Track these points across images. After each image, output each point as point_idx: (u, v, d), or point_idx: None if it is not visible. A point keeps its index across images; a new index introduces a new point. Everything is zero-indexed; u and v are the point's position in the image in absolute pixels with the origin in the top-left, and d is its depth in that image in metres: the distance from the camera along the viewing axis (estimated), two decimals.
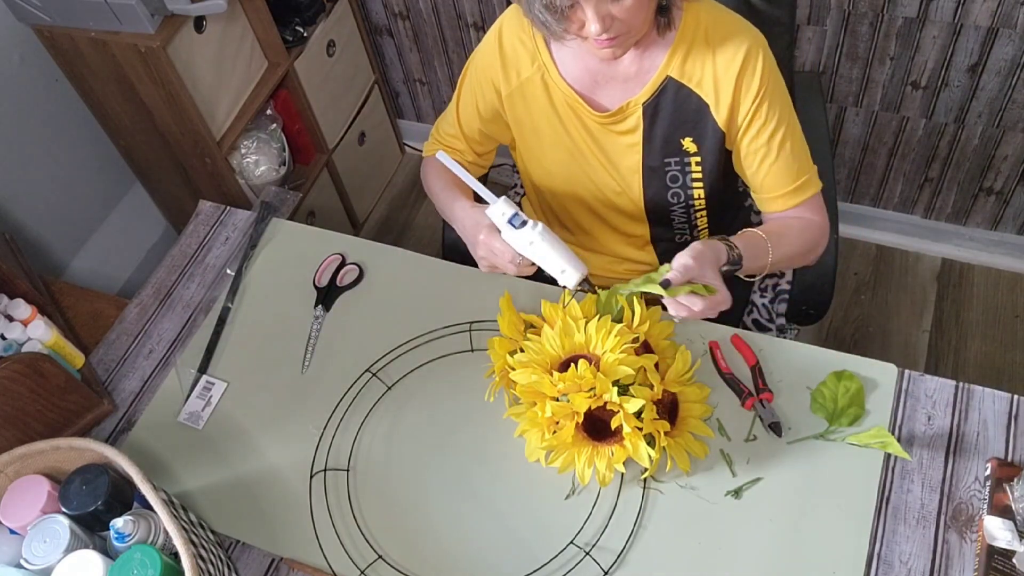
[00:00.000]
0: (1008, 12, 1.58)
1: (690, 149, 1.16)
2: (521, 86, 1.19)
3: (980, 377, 1.92)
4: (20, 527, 0.99)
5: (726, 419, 1.10)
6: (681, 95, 1.12)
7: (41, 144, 1.89)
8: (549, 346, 1.05)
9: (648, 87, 1.12)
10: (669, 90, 1.12)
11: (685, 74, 1.11)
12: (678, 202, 1.22)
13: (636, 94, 1.13)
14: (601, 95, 1.16)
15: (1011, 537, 0.97)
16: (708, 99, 1.11)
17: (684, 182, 1.20)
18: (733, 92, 1.09)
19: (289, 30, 1.97)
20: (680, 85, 1.12)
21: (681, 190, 1.20)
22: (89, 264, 2.06)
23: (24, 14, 1.69)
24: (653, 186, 1.21)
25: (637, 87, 1.13)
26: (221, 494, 1.14)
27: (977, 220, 2.06)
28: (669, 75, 1.11)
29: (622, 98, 1.14)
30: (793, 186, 1.16)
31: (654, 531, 1.03)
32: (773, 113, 1.11)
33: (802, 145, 1.16)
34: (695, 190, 1.20)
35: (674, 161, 1.18)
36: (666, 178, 1.20)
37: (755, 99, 1.09)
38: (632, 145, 1.17)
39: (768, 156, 1.14)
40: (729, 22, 1.10)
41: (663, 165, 1.18)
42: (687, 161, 1.17)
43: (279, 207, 1.44)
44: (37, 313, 1.26)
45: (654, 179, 1.20)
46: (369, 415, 1.17)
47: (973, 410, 1.08)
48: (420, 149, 2.55)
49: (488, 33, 1.21)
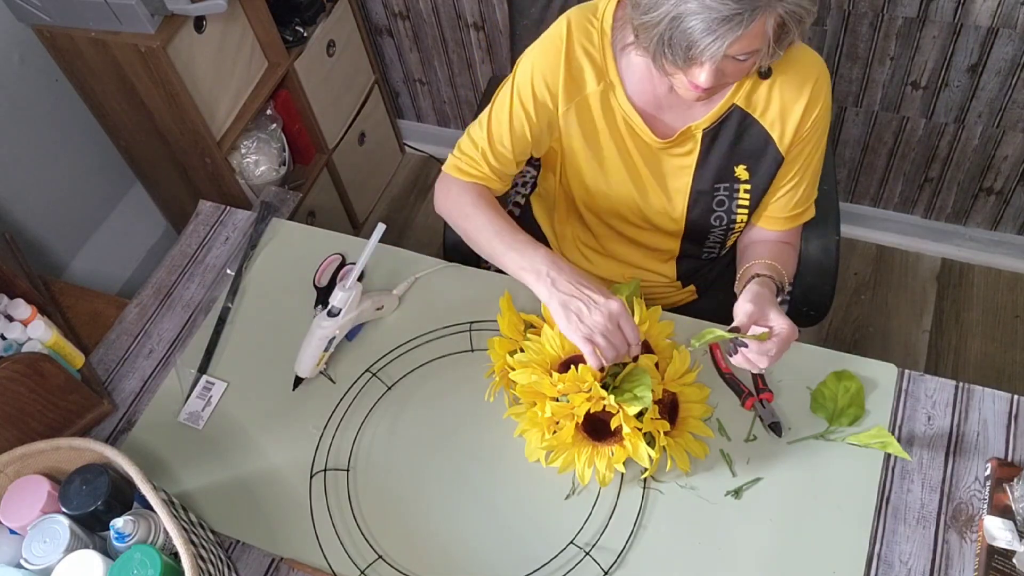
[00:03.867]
0: (1008, 12, 1.58)
1: (742, 176, 1.15)
2: (584, 100, 1.12)
3: (980, 377, 1.92)
4: (20, 527, 0.99)
5: (726, 419, 1.10)
6: (744, 124, 1.11)
7: (41, 144, 1.89)
8: (549, 346, 1.05)
9: (712, 114, 1.10)
10: (733, 118, 1.10)
11: (751, 103, 1.09)
12: (719, 225, 1.21)
13: (699, 119, 1.11)
14: (664, 118, 1.13)
15: (1011, 537, 0.97)
16: (772, 130, 1.10)
17: (729, 207, 1.18)
18: (799, 123, 1.09)
19: (289, 30, 1.97)
20: (745, 114, 1.10)
21: (725, 214, 1.19)
22: (89, 264, 2.06)
23: (24, 14, 1.69)
24: (698, 208, 1.19)
25: (701, 112, 1.11)
26: (221, 494, 1.14)
27: (977, 220, 2.06)
28: (735, 103, 1.09)
29: (684, 122, 1.11)
30: (801, 209, 1.18)
31: (654, 531, 1.03)
32: (818, 141, 1.12)
33: (820, 173, 1.17)
34: (739, 214, 1.19)
35: (724, 187, 1.16)
36: (712, 202, 1.18)
37: (814, 123, 1.09)
38: (684, 167, 1.16)
39: (801, 183, 1.15)
40: (795, 49, 1.06)
41: (712, 190, 1.17)
42: (736, 188, 1.16)
43: (279, 207, 1.44)
44: (37, 313, 1.26)
45: (700, 201, 1.18)
46: (369, 415, 1.17)
47: (973, 410, 1.08)
48: (420, 149, 2.57)
49: (548, 38, 1.11)
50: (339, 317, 1.17)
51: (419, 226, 2.44)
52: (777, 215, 1.18)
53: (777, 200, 1.17)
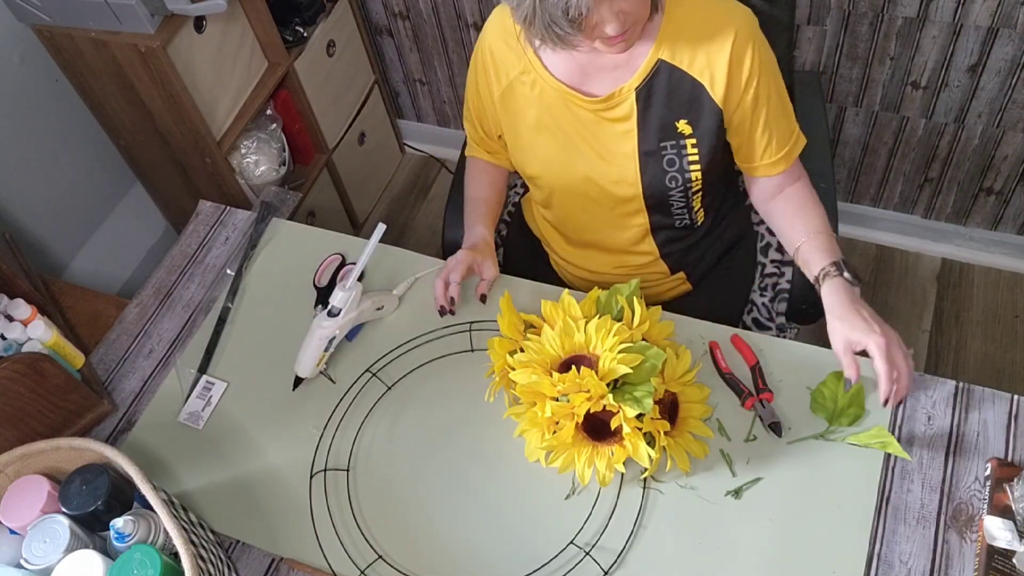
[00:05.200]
0: (1008, 12, 1.58)
1: (685, 131, 1.16)
2: (510, 85, 1.20)
3: (980, 377, 1.92)
4: (20, 527, 0.99)
5: (726, 419, 1.10)
6: (674, 77, 1.12)
7: (41, 144, 1.89)
8: (549, 346, 1.05)
9: (640, 72, 1.12)
10: (662, 73, 1.12)
11: (676, 56, 1.11)
12: (676, 186, 1.22)
13: (628, 80, 1.13)
14: (592, 86, 1.15)
15: (1011, 537, 0.97)
16: (703, 79, 1.12)
17: (681, 165, 1.19)
18: (728, 69, 1.10)
19: (289, 30, 1.97)
20: (673, 67, 1.11)
21: (679, 174, 1.20)
22: (89, 264, 2.06)
23: (24, 14, 1.69)
24: (650, 172, 1.20)
25: (628, 73, 1.13)
26: (221, 494, 1.14)
27: (977, 220, 2.06)
28: (660, 58, 1.11)
29: (613, 85, 1.14)
30: (789, 146, 1.19)
31: (654, 531, 1.03)
32: (766, 82, 1.12)
33: (788, 104, 1.18)
34: (692, 172, 1.20)
35: (670, 144, 1.17)
36: (663, 162, 1.19)
37: (751, 72, 1.10)
38: (627, 132, 1.17)
39: (768, 125, 1.15)
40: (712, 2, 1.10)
41: (659, 149, 1.18)
42: (683, 144, 1.17)
43: (279, 207, 1.44)
44: (37, 313, 1.26)
45: (650, 164, 1.19)
46: (369, 415, 1.17)
47: (973, 410, 1.08)
48: (420, 149, 2.57)
49: (477, 42, 1.23)
50: (339, 317, 1.17)
51: (419, 226, 2.44)
52: (769, 160, 1.19)
53: (762, 147, 1.18)
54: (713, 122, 1.15)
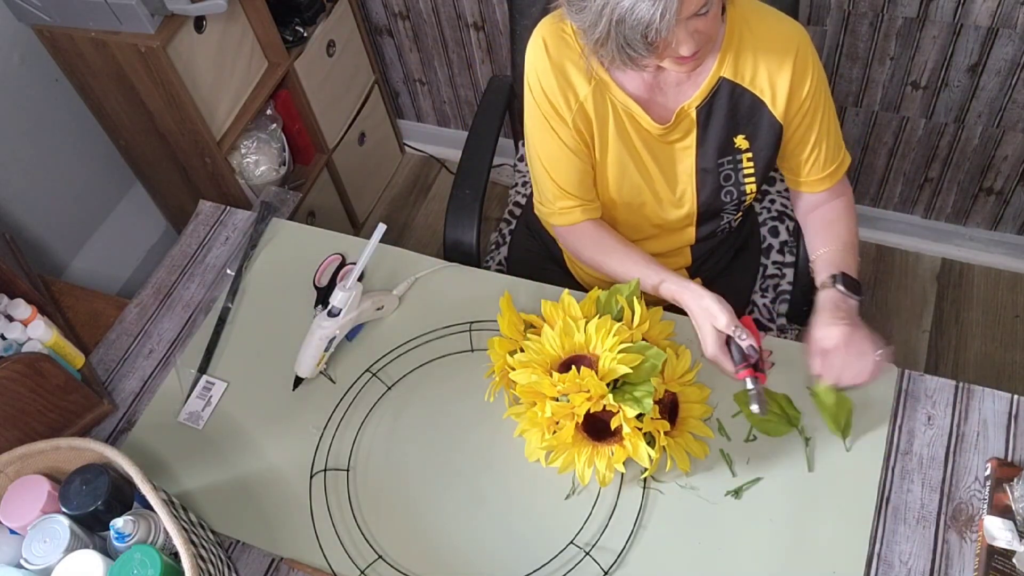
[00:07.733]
0: (1008, 12, 1.58)
1: (742, 146, 1.16)
2: (581, 106, 1.13)
3: (980, 377, 1.92)
4: (20, 527, 0.99)
5: (726, 419, 1.10)
6: (735, 94, 1.11)
7: (41, 144, 1.89)
8: (549, 346, 1.05)
9: (701, 90, 1.11)
10: (723, 91, 1.11)
11: (738, 73, 1.10)
12: (731, 200, 1.21)
13: (689, 98, 1.11)
14: (658, 101, 1.13)
15: (1011, 537, 0.97)
16: (764, 95, 1.11)
17: (737, 179, 1.19)
18: (791, 85, 1.09)
19: (289, 30, 1.97)
20: (734, 85, 1.11)
21: (734, 188, 1.20)
22: (89, 264, 2.06)
23: (24, 14, 1.69)
24: (707, 188, 1.20)
25: (692, 89, 1.11)
26: (221, 494, 1.14)
27: (977, 220, 2.06)
28: (722, 76, 1.10)
29: (677, 102, 1.12)
30: (836, 163, 1.18)
31: (654, 531, 1.03)
32: (823, 100, 1.12)
33: (837, 122, 1.18)
34: (747, 185, 1.20)
35: (727, 160, 1.17)
36: (719, 178, 1.19)
37: (810, 89, 1.10)
38: (686, 148, 1.16)
39: (820, 142, 1.15)
40: (771, 15, 1.09)
41: (717, 166, 1.17)
42: (739, 159, 1.17)
43: (279, 207, 1.44)
44: (37, 313, 1.26)
45: (708, 180, 1.19)
46: (369, 415, 1.17)
47: (973, 410, 1.08)
48: (420, 149, 2.57)
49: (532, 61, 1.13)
50: (339, 317, 1.17)
51: (419, 226, 2.44)
52: (816, 177, 1.19)
53: (811, 163, 1.18)
54: (772, 137, 1.14)
